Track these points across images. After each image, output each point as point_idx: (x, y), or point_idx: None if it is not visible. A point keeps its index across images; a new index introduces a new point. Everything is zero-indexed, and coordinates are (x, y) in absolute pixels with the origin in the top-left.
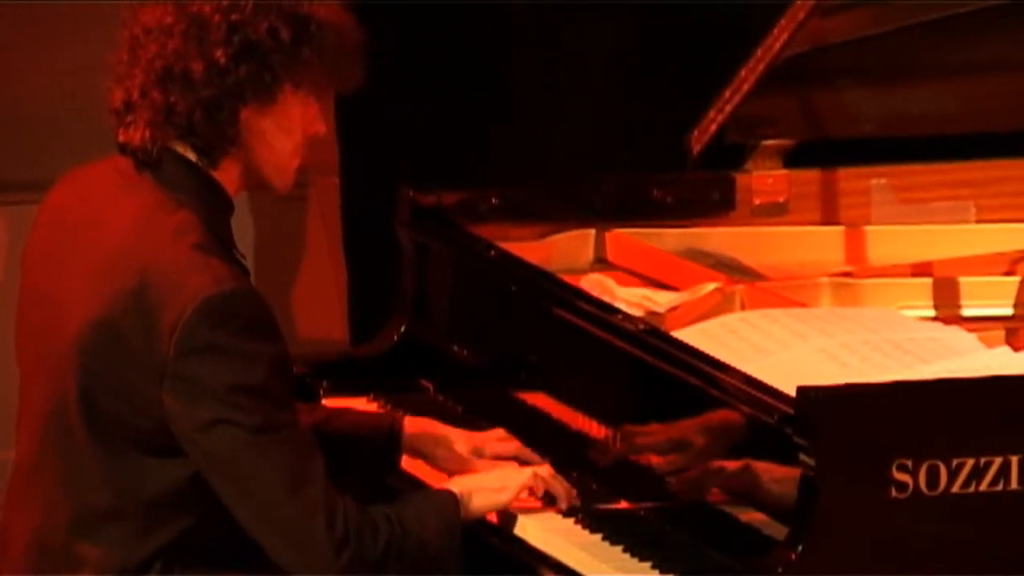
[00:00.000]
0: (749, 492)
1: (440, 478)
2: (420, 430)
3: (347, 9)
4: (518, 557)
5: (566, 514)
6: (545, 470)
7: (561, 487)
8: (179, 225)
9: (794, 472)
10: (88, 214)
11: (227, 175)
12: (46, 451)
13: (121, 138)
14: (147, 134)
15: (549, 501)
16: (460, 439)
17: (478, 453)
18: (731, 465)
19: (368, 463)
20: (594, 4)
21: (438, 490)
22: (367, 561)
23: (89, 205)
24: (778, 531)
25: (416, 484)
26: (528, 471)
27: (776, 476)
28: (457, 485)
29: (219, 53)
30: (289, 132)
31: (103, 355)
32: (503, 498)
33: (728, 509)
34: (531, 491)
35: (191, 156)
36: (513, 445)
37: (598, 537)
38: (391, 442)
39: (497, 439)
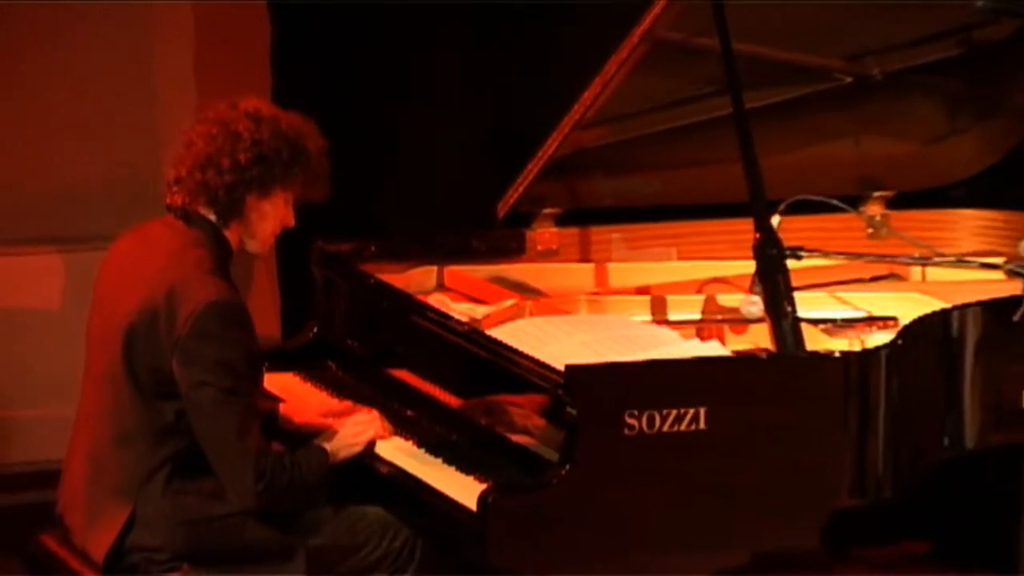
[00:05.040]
0: (528, 430)
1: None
2: (288, 412)
3: (327, 155)
4: (382, 470)
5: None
6: (378, 425)
7: (384, 429)
8: (199, 258)
9: (550, 426)
10: (141, 250)
11: (232, 235)
12: (99, 398)
13: (168, 200)
14: (186, 199)
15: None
16: (314, 413)
17: (331, 415)
18: (517, 411)
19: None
20: (437, 116)
21: (318, 447)
22: (275, 489)
23: (143, 244)
24: (552, 456)
25: (294, 443)
26: (371, 431)
27: (542, 425)
28: (328, 443)
29: (242, 156)
30: (272, 218)
31: (140, 334)
32: (356, 450)
33: (522, 442)
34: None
35: (212, 218)
36: (346, 404)
37: (423, 451)
38: (271, 420)
39: (342, 407)
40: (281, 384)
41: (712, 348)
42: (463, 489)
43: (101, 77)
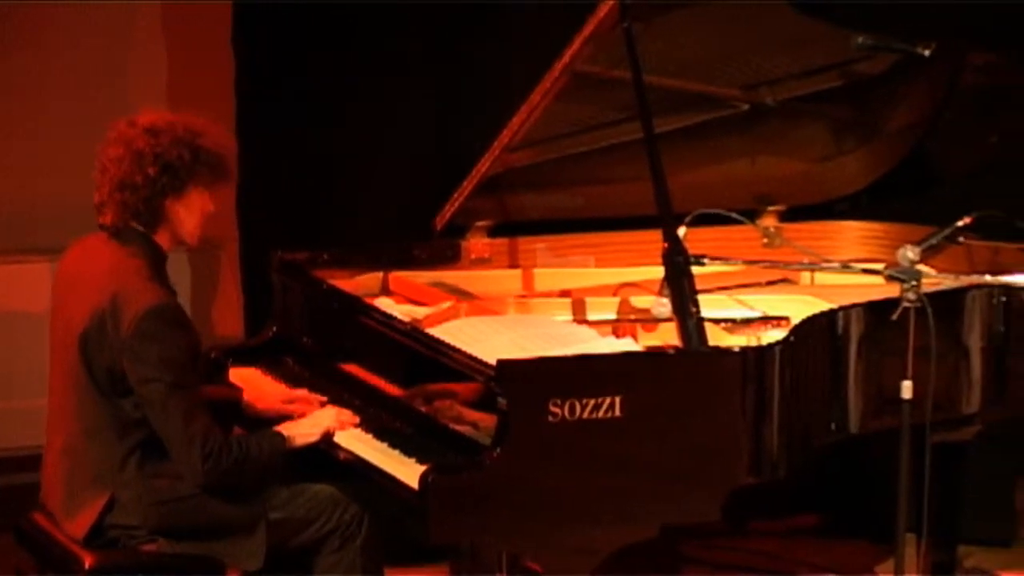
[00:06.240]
0: (463, 418)
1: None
2: (250, 400)
3: (227, 139)
4: (337, 454)
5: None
6: (338, 416)
7: (345, 419)
8: (136, 267)
9: (482, 414)
10: (86, 261)
11: (162, 239)
12: (66, 397)
13: (99, 221)
14: (114, 217)
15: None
16: (274, 400)
17: (288, 401)
18: (458, 405)
19: (222, 418)
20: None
21: (275, 432)
22: (220, 469)
23: (87, 256)
24: (485, 440)
25: (255, 427)
26: (327, 421)
27: (476, 413)
28: (287, 430)
29: (150, 170)
30: (194, 213)
31: (94, 337)
32: (313, 438)
33: (458, 428)
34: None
35: (141, 229)
36: (302, 391)
37: (371, 436)
38: (235, 406)
39: (297, 394)
40: (244, 377)
41: (626, 344)
42: (406, 470)
43: (82, 108)
